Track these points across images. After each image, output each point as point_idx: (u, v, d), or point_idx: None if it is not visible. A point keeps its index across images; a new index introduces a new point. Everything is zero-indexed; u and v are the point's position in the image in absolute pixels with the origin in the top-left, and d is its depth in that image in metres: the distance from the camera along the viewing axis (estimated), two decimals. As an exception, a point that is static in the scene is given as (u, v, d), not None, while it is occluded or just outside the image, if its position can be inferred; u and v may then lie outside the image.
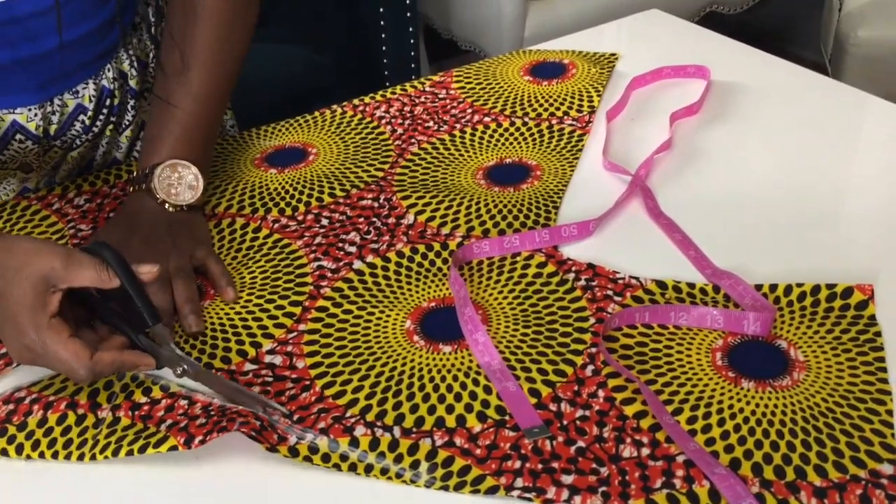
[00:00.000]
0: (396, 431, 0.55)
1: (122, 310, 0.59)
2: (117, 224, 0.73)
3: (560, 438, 0.54)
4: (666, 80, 0.94)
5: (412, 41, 1.73)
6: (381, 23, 1.71)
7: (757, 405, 0.55)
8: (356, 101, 0.95)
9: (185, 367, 0.58)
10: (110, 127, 0.84)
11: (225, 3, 0.75)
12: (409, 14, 1.71)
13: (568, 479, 0.51)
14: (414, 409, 0.57)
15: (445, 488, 0.52)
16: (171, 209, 0.72)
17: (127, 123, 0.85)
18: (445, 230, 0.74)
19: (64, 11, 0.72)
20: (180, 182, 0.73)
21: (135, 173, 0.75)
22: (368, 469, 0.53)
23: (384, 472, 0.53)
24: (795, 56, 0.97)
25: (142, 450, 0.54)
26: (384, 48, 1.74)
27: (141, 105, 0.87)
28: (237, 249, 0.73)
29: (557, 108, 0.91)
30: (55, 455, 0.55)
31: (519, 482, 0.51)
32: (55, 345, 0.54)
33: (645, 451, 0.53)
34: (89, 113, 0.80)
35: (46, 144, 0.79)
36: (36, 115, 0.76)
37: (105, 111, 0.82)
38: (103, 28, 0.78)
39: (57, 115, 0.78)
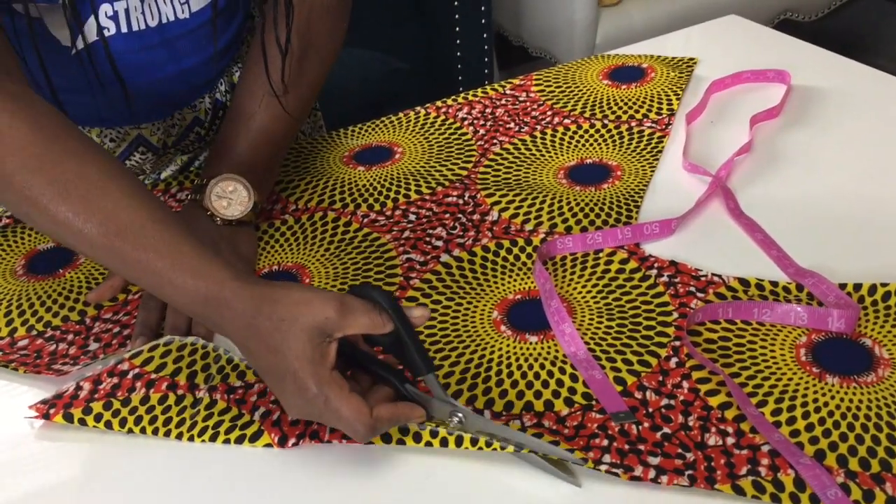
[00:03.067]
0: (487, 415, 0.58)
1: (393, 356, 0.56)
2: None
3: (646, 424, 0.56)
4: (745, 85, 0.95)
5: (486, 47, 1.77)
6: (456, 29, 1.75)
7: (842, 400, 0.56)
8: (438, 103, 0.98)
9: (460, 415, 0.54)
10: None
11: (328, 32, 0.79)
12: (483, 21, 1.74)
13: (654, 461, 0.53)
14: (503, 394, 0.60)
15: (534, 451, 0.53)
16: (219, 222, 0.73)
17: None
18: (529, 227, 0.76)
19: (206, 30, 0.77)
20: (233, 197, 0.73)
21: (197, 182, 0.76)
22: (459, 441, 0.55)
23: (474, 442, 0.55)
24: (871, 63, 0.97)
25: (238, 440, 0.57)
26: (458, 54, 1.77)
27: None
28: (329, 241, 0.77)
29: (637, 111, 0.93)
30: (155, 432, 0.59)
31: (607, 458, 0.53)
32: (337, 401, 0.51)
33: (730, 440, 0.54)
34: (205, 124, 0.85)
35: (163, 153, 0.85)
36: (159, 128, 0.82)
37: (218, 122, 0.87)
38: (223, 50, 0.83)
39: (176, 128, 0.83)
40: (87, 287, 0.73)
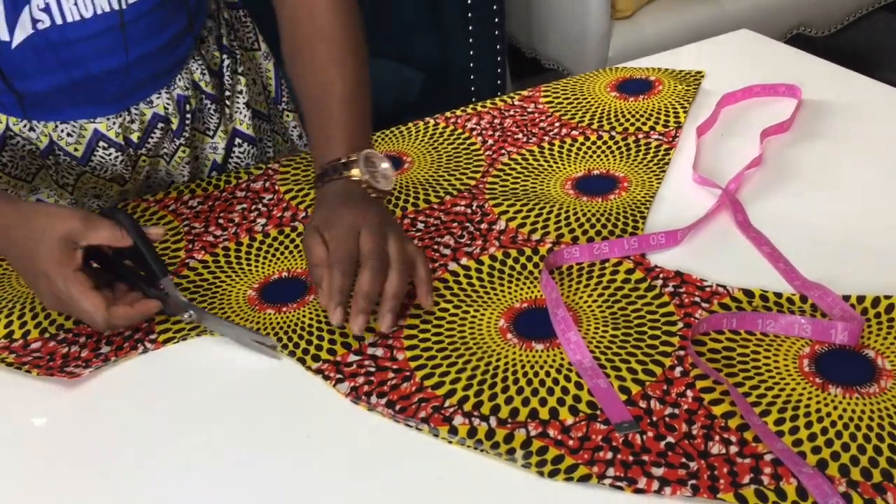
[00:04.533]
0: (493, 421, 0.59)
1: (138, 268, 0.68)
2: (324, 205, 0.71)
3: (650, 434, 0.56)
4: (756, 99, 0.96)
5: (499, 59, 1.78)
6: (470, 41, 1.76)
7: (844, 410, 0.57)
8: (448, 114, 0.99)
9: (191, 312, 0.67)
10: (199, 135, 0.90)
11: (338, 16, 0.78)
12: (496, 32, 1.76)
13: (658, 472, 0.54)
14: (508, 401, 0.60)
15: (540, 474, 0.55)
16: (373, 194, 0.71)
17: (215, 126, 0.91)
18: (536, 236, 0.77)
19: (132, 29, 0.78)
20: (376, 171, 0.72)
21: (317, 170, 0.74)
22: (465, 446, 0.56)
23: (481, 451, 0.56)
24: (884, 79, 0.97)
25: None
26: (471, 65, 1.79)
27: (223, 111, 0.92)
28: (339, 249, 0.78)
29: (644, 123, 0.93)
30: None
31: (611, 472, 0.54)
32: (79, 294, 0.63)
33: (733, 449, 0.55)
34: (172, 119, 0.86)
35: (134, 154, 0.86)
36: (115, 123, 0.83)
37: (189, 117, 0.87)
38: (171, 44, 0.83)
39: (136, 124, 0.84)
40: (99, 291, 0.74)
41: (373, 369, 0.64)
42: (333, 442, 0.59)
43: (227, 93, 0.92)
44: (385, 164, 0.73)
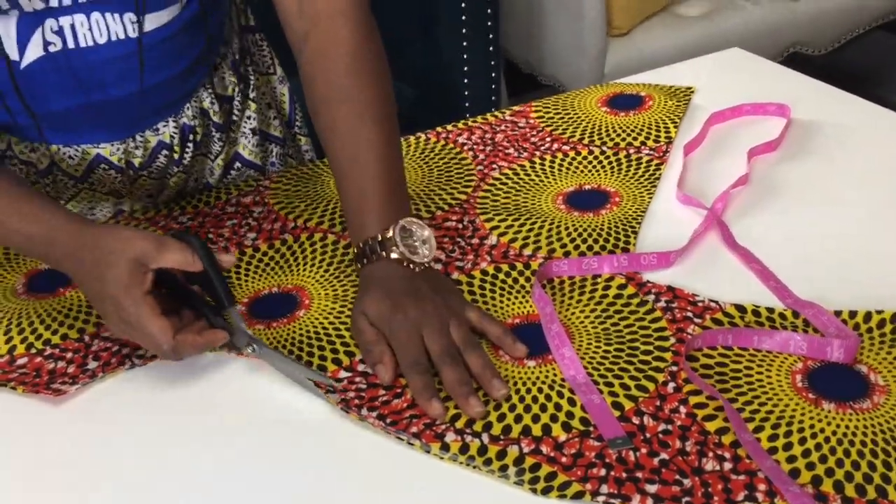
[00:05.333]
0: (485, 438, 0.58)
1: (205, 294, 0.66)
2: (371, 293, 0.68)
3: (643, 450, 0.56)
4: (745, 118, 0.96)
5: (493, 74, 1.78)
6: (464, 56, 1.76)
7: (837, 426, 0.57)
8: (439, 129, 0.99)
9: (255, 345, 0.65)
10: (200, 157, 0.90)
11: (364, 51, 0.74)
12: (491, 48, 1.76)
13: (652, 489, 0.53)
14: (501, 417, 0.60)
15: (533, 491, 0.54)
16: (416, 268, 0.69)
17: (217, 152, 0.90)
18: (528, 251, 0.77)
19: (150, 54, 0.76)
20: (415, 240, 0.70)
21: (355, 249, 0.71)
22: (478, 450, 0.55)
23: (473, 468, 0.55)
24: (882, 99, 0.98)
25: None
26: (465, 80, 1.79)
27: (229, 136, 0.91)
28: (329, 263, 0.77)
29: (635, 139, 0.93)
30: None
31: (604, 489, 0.54)
32: (146, 319, 0.61)
33: (727, 466, 0.54)
34: (175, 149, 0.85)
35: (133, 175, 0.85)
36: (118, 149, 0.81)
37: (190, 145, 0.86)
38: (185, 73, 0.82)
39: (140, 150, 0.83)
40: (86, 306, 0.73)
41: (364, 386, 0.63)
42: (324, 455, 0.58)
43: (235, 118, 0.91)
44: (425, 232, 0.70)
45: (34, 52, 0.72)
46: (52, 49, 0.72)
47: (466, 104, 1.81)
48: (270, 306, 0.73)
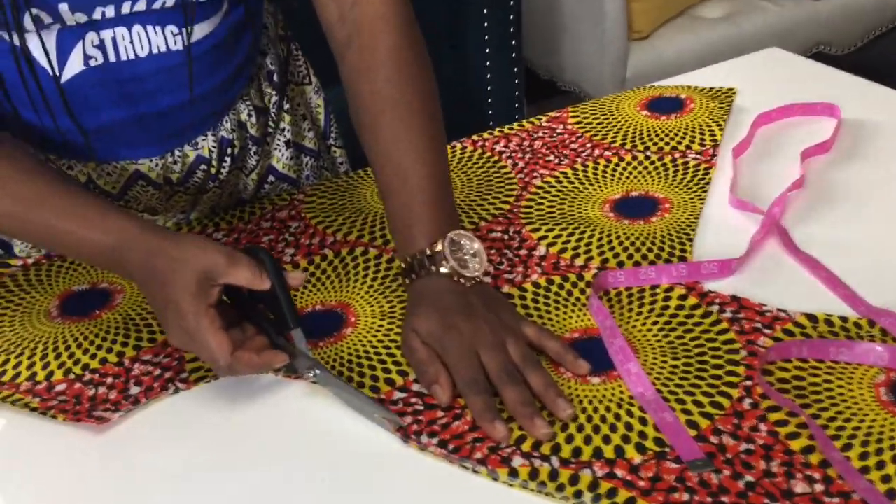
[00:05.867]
0: (554, 461, 0.55)
1: (270, 311, 0.63)
2: (421, 309, 0.65)
3: (726, 472, 0.53)
4: (789, 119, 0.93)
5: (516, 81, 1.75)
6: (487, 63, 1.73)
7: (930, 442, 0.54)
8: (475, 137, 0.96)
9: (317, 370, 0.61)
10: (235, 171, 0.87)
11: (406, 59, 0.71)
12: (513, 55, 1.73)
13: (740, 514, 0.50)
14: (569, 439, 0.57)
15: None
16: (466, 283, 0.66)
17: (252, 166, 0.88)
18: (579, 262, 0.74)
19: (195, 67, 0.73)
20: (464, 253, 0.67)
21: (402, 264, 0.67)
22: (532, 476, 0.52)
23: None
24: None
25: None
26: (489, 88, 1.76)
27: (264, 149, 0.88)
28: (373, 278, 0.74)
29: (679, 142, 0.90)
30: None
31: (689, 515, 0.50)
32: (207, 331, 0.58)
33: (819, 487, 0.51)
34: (213, 163, 0.82)
35: (170, 191, 0.82)
36: (157, 164, 0.79)
37: (228, 159, 0.84)
38: (225, 83, 0.79)
39: (179, 165, 0.80)
40: (123, 328, 0.70)
41: (420, 407, 0.60)
42: (384, 484, 0.55)
43: (270, 130, 0.88)
44: (475, 245, 0.67)
45: (75, 66, 0.69)
46: (92, 63, 0.70)
47: (489, 112, 1.79)
48: (314, 324, 0.70)
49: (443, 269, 0.65)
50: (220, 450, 0.59)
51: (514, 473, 0.54)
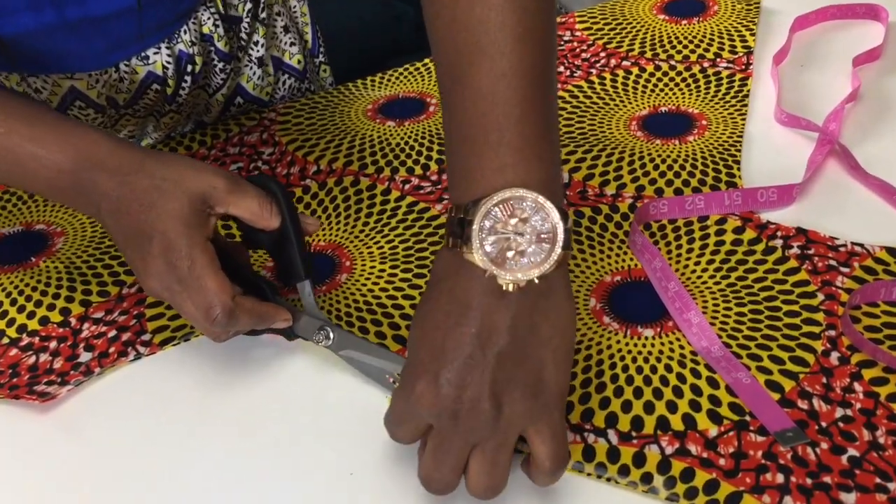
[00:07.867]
0: (612, 436, 0.45)
1: (274, 258, 0.52)
2: (424, 309, 0.43)
3: (824, 445, 0.44)
4: (829, 23, 0.82)
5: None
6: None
7: None
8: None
9: (328, 329, 0.49)
10: (197, 92, 0.73)
11: None
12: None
13: (850, 499, 0.41)
14: (626, 406, 0.47)
15: (694, 510, 0.41)
16: (507, 287, 0.40)
17: (217, 85, 0.73)
18: (610, 190, 0.63)
19: None
20: (521, 232, 0.41)
21: (449, 214, 0.43)
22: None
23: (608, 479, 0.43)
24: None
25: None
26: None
27: (234, 66, 0.74)
28: (368, 214, 0.63)
29: (706, 49, 0.79)
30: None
31: (788, 501, 0.41)
32: (203, 268, 0.46)
33: (940, 463, 0.42)
34: (168, 82, 0.68)
35: (116, 115, 0.69)
36: (98, 81, 0.65)
37: (188, 78, 0.69)
38: None
39: (126, 84, 0.66)
40: (67, 279, 0.58)
41: (440, 370, 0.50)
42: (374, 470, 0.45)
43: (243, 43, 0.74)
44: (552, 221, 0.41)
45: None
46: None
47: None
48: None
49: (467, 255, 0.41)
50: (194, 429, 0.48)
51: (563, 453, 0.44)
